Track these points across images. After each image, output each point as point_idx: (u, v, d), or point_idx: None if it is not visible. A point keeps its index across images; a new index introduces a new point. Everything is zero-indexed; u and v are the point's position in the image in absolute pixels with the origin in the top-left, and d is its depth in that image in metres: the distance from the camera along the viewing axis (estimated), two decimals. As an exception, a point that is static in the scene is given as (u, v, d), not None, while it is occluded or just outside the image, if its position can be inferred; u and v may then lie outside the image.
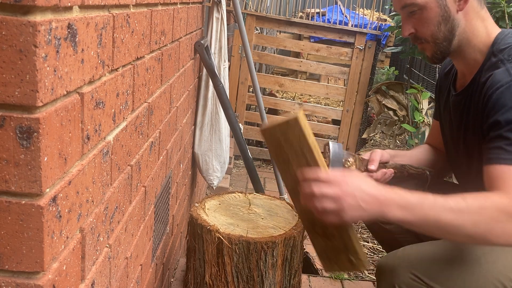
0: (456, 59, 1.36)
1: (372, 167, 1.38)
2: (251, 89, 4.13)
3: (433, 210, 1.04)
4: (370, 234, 3.03)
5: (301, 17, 5.63)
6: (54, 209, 0.66)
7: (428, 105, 3.54)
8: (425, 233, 1.13)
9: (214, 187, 2.42)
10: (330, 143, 1.28)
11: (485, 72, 1.23)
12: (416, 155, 1.60)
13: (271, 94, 4.80)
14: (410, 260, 1.22)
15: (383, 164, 1.40)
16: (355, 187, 1.03)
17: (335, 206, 1.01)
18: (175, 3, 1.43)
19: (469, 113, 1.32)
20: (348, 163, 1.40)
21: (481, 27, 1.27)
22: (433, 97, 3.49)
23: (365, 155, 1.46)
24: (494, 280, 1.16)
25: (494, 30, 1.28)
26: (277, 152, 1.10)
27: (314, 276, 2.12)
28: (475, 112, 1.26)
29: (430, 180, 1.53)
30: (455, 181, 2.10)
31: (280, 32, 6.19)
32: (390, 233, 1.68)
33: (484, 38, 1.27)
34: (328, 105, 5.90)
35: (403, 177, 1.45)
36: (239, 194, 1.70)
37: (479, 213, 1.05)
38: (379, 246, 2.88)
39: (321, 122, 4.44)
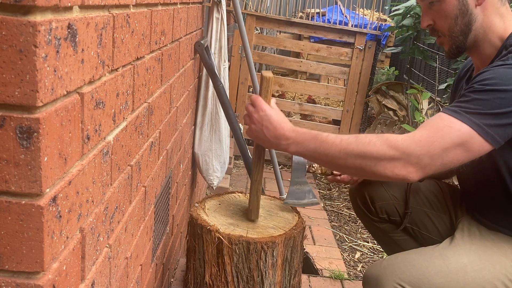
0: (472, 54, 1.35)
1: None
2: (251, 89, 4.13)
3: (323, 145, 1.18)
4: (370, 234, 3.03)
5: (301, 17, 5.63)
6: (54, 209, 0.66)
7: (428, 105, 3.54)
8: (322, 165, 1.43)
9: (214, 187, 2.41)
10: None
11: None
12: None
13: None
14: (394, 269, 1.23)
15: None
16: (267, 117, 1.26)
17: (249, 122, 1.31)
18: (175, 3, 1.43)
19: None
20: (314, 168, 1.51)
21: (499, 23, 1.26)
22: (433, 97, 3.50)
23: None
24: None
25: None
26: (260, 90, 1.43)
27: (314, 276, 2.12)
28: None
29: (409, 184, 1.57)
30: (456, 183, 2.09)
31: (280, 32, 6.19)
32: (385, 232, 1.68)
33: (501, 34, 1.26)
34: (328, 105, 5.90)
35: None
36: (239, 194, 1.70)
37: (366, 146, 1.13)
38: (379, 246, 2.87)
39: (321, 122, 4.43)
